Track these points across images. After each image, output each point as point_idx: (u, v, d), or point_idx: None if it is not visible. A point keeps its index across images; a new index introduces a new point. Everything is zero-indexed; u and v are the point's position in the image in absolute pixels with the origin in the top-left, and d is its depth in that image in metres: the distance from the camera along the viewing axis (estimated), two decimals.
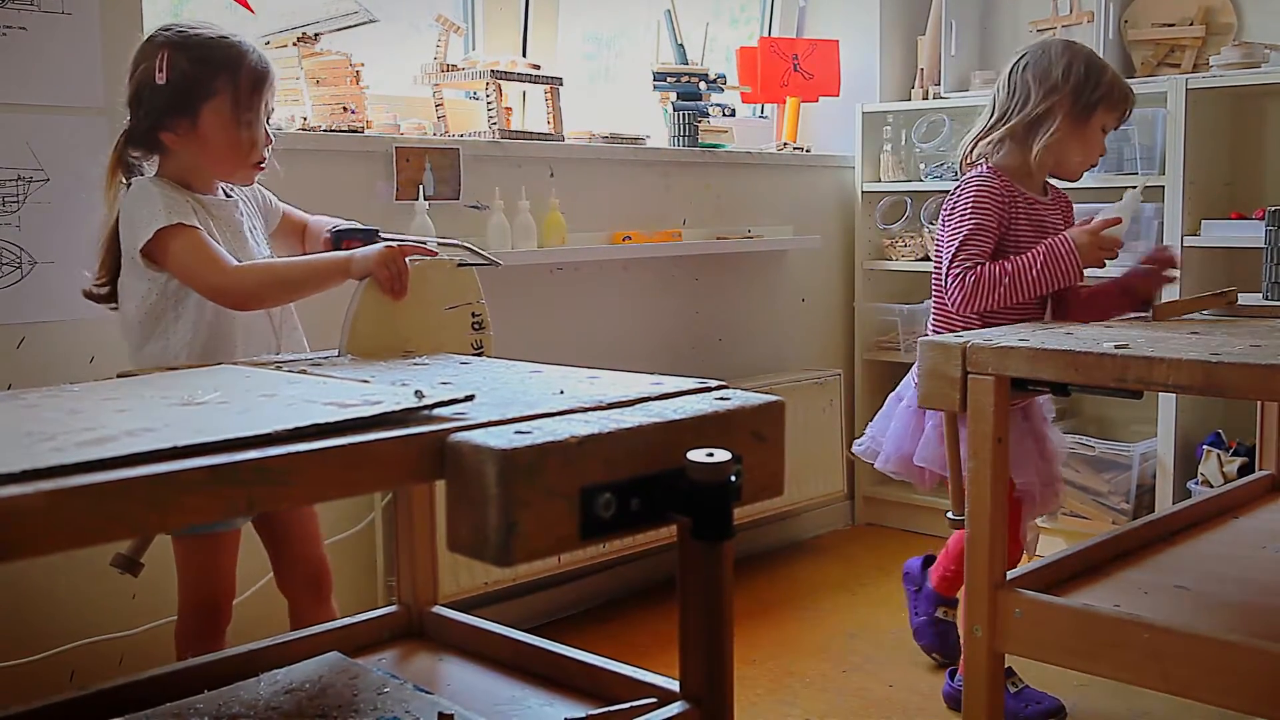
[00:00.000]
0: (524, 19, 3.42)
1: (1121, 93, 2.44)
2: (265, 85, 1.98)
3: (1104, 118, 2.44)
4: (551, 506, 1.02)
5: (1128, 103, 2.46)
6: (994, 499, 1.79)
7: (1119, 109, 2.46)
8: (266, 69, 1.99)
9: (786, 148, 3.92)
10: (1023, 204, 2.42)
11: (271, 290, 1.89)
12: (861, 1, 4.12)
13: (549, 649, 1.56)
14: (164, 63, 1.91)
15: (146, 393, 1.29)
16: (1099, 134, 2.45)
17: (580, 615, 3.17)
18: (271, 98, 2.01)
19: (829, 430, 3.76)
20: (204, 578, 2.01)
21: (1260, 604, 1.84)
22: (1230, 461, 3.33)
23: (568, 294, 3.20)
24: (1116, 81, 2.44)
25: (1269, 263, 2.27)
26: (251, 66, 1.95)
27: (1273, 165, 3.53)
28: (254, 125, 1.96)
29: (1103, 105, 2.42)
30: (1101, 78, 2.41)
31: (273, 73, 2.01)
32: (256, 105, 1.96)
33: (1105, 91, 2.41)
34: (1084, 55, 2.45)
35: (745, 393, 1.25)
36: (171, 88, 1.91)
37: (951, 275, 2.31)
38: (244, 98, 1.94)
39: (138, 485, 0.92)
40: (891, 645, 2.95)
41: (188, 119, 1.93)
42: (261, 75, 1.97)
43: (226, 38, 1.97)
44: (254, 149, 1.98)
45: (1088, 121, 2.42)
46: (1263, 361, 1.52)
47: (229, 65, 1.93)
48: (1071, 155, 2.44)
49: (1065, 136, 2.41)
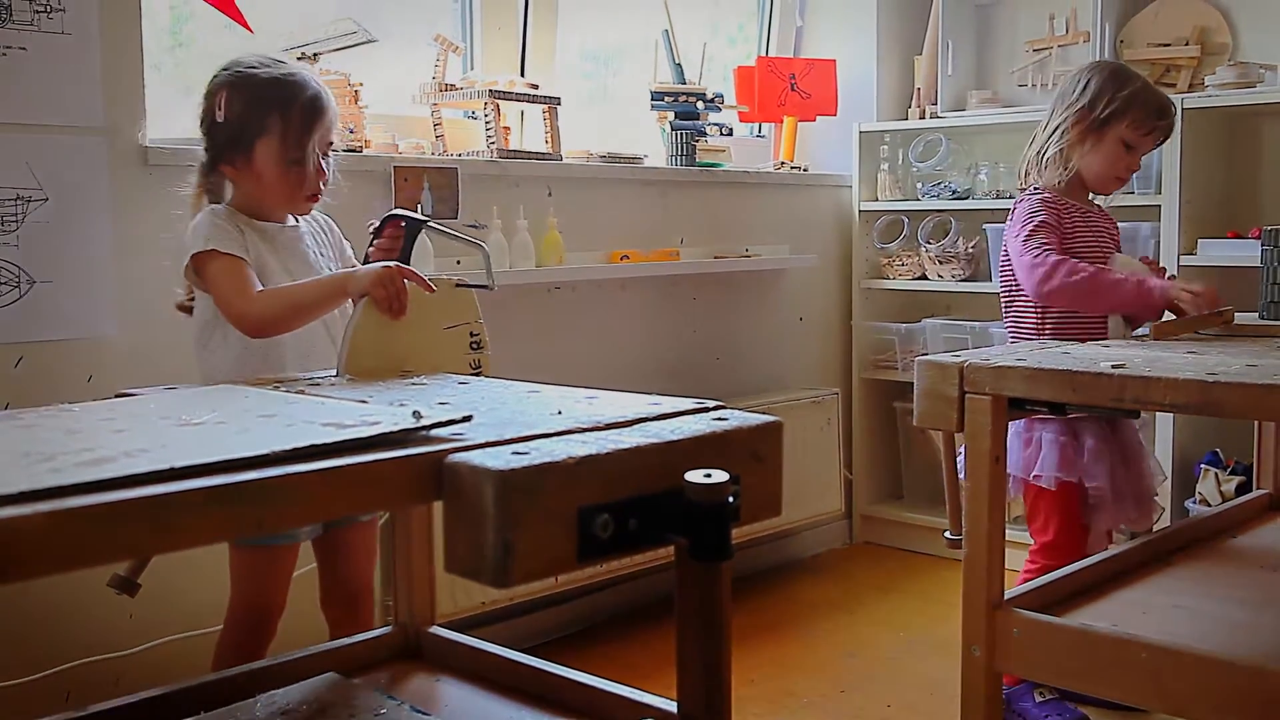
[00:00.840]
0: (522, 39, 3.44)
1: (1146, 107, 2.47)
2: (317, 123, 2.03)
3: (1122, 131, 2.47)
4: (549, 527, 1.02)
5: (1152, 118, 2.49)
6: (991, 518, 1.79)
7: (1142, 125, 2.48)
8: (320, 107, 2.03)
9: (784, 167, 3.93)
10: (1077, 215, 2.50)
11: (284, 314, 1.92)
12: (858, 21, 4.14)
13: (546, 669, 1.55)
14: (222, 101, 2.01)
15: (145, 413, 1.29)
16: (1119, 147, 2.49)
17: (578, 635, 3.16)
18: (327, 133, 2.06)
19: (827, 449, 3.76)
20: (256, 590, 2.05)
21: (1258, 623, 1.84)
22: (1228, 480, 3.33)
23: (566, 313, 3.21)
24: (1139, 96, 2.47)
25: (1265, 282, 2.28)
26: (303, 105, 2.01)
27: (1268, 184, 3.54)
28: (303, 162, 2.02)
29: (1117, 119, 2.46)
30: (1119, 92, 2.46)
31: (329, 109, 2.05)
32: (306, 143, 2.01)
33: (1121, 105, 2.45)
34: (1108, 71, 2.50)
35: (743, 413, 1.25)
36: (229, 125, 2.01)
37: (1030, 256, 2.36)
38: (293, 136, 2.00)
39: (136, 506, 0.92)
40: (889, 665, 2.95)
41: (243, 155, 2.02)
42: (313, 114, 2.02)
43: (282, 76, 2.03)
44: (303, 184, 2.04)
45: (1103, 135, 2.47)
46: (1259, 381, 1.52)
47: (280, 104, 2.00)
48: (1092, 168, 2.50)
49: (1085, 150, 2.48)
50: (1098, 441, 2.43)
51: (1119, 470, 2.46)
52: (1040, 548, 2.52)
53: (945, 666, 2.79)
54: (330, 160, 2.09)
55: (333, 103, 2.07)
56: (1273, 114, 3.50)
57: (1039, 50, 3.97)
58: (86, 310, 2.34)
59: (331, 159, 2.10)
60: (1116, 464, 2.46)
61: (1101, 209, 2.62)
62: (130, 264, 2.40)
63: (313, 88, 2.03)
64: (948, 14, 3.97)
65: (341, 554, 2.15)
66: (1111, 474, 2.44)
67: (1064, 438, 2.42)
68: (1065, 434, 2.42)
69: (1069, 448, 2.41)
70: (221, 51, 2.87)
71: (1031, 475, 2.42)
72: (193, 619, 2.42)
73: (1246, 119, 3.54)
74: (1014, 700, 2.53)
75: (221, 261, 1.94)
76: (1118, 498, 2.46)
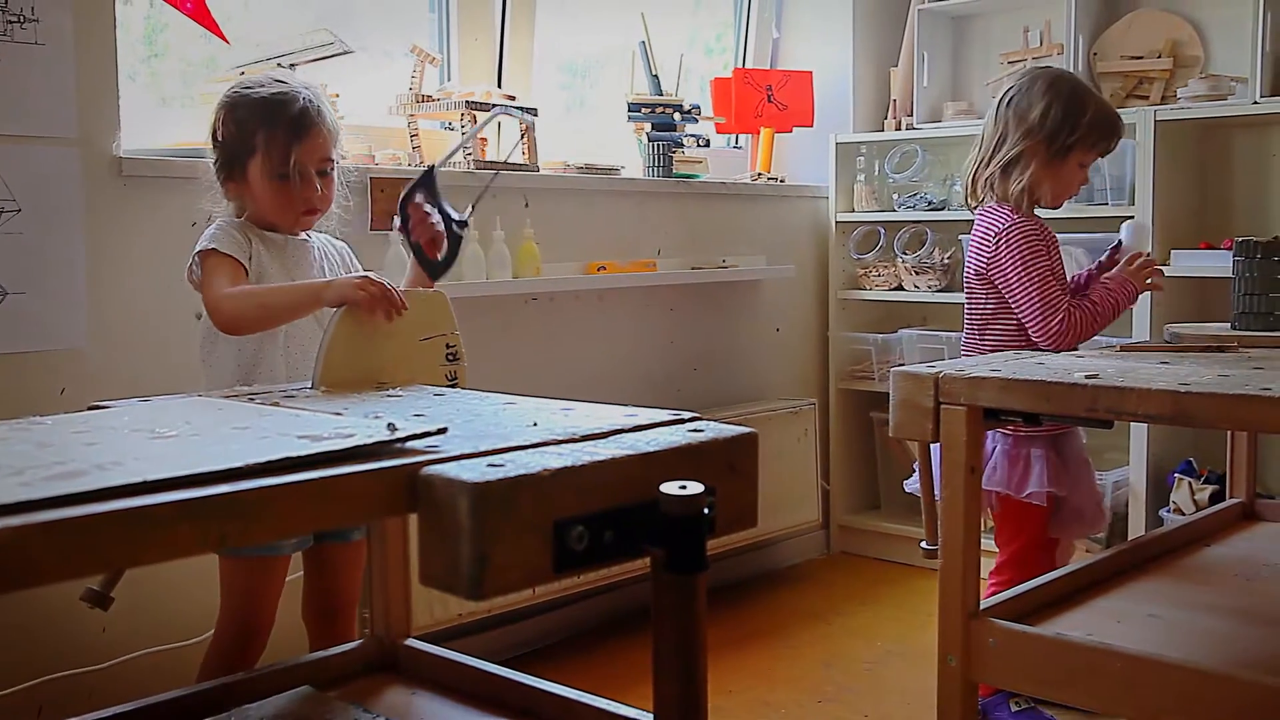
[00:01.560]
0: (499, 50, 3.44)
1: (1103, 130, 2.51)
2: (299, 139, 2.03)
3: (1081, 156, 2.52)
4: (524, 540, 1.02)
5: (1107, 139, 2.52)
6: (967, 528, 1.80)
7: (1098, 147, 2.53)
8: (304, 123, 2.03)
9: (761, 178, 3.94)
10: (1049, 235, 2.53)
11: (252, 313, 1.94)
12: (834, 33, 4.16)
13: (523, 681, 1.55)
14: (219, 122, 2.06)
15: (117, 425, 1.28)
16: (1076, 170, 2.53)
17: (555, 647, 3.15)
18: (318, 148, 2.06)
19: (804, 459, 3.76)
20: (243, 602, 2.04)
21: (1231, 632, 1.85)
22: (1201, 489, 3.36)
23: (542, 325, 3.21)
24: (1097, 120, 2.49)
25: (1237, 292, 2.29)
26: (286, 121, 2.02)
27: (1240, 195, 3.58)
28: (288, 177, 2.03)
29: (1079, 147, 2.50)
30: (1080, 119, 2.47)
31: (315, 125, 2.05)
32: (288, 158, 2.02)
33: (1083, 134, 2.48)
34: (1066, 94, 2.49)
35: (718, 424, 1.25)
36: (225, 146, 2.07)
37: (1055, 323, 2.41)
38: (278, 153, 2.02)
39: (107, 520, 0.91)
40: (866, 675, 2.95)
41: (240, 172, 2.06)
42: (295, 129, 2.03)
43: (271, 95, 2.04)
44: (293, 200, 2.06)
45: (1064, 162, 2.51)
46: (1230, 391, 1.53)
47: (266, 123, 2.02)
48: (1047, 190, 2.54)
49: (1041, 175, 2.51)
50: (1078, 455, 2.50)
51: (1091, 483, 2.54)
52: (1007, 561, 2.53)
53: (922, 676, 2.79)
54: (333, 175, 2.11)
55: (326, 118, 2.08)
56: (1243, 126, 3.53)
57: (1014, 62, 3.99)
58: (59, 322, 2.33)
59: (335, 174, 2.11)
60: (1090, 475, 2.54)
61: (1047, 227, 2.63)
62: (104, 276, 2.39)
63: (299, 105, 2.04)
64: (923, 26, 4.00)
65: (328, 566, 2.14)
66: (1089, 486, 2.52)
67: (1050, 453, 2.46)
68: (1050, 449, 2.47)
69: (1055, 464, 2.46)
70: (198, 61, 2.88)
71: (1024, 494, 2.44)
72: (166, 633, 2.41)
73: (1218, 131, 3.57)
74: (990, 710, 2.54)
75: (214, 259, 1.98)
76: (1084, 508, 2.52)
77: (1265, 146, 3.54)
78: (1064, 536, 2.57)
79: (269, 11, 3.06)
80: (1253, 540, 2.42)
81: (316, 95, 2.10)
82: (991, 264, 2.51)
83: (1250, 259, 2.27)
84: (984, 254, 2.53)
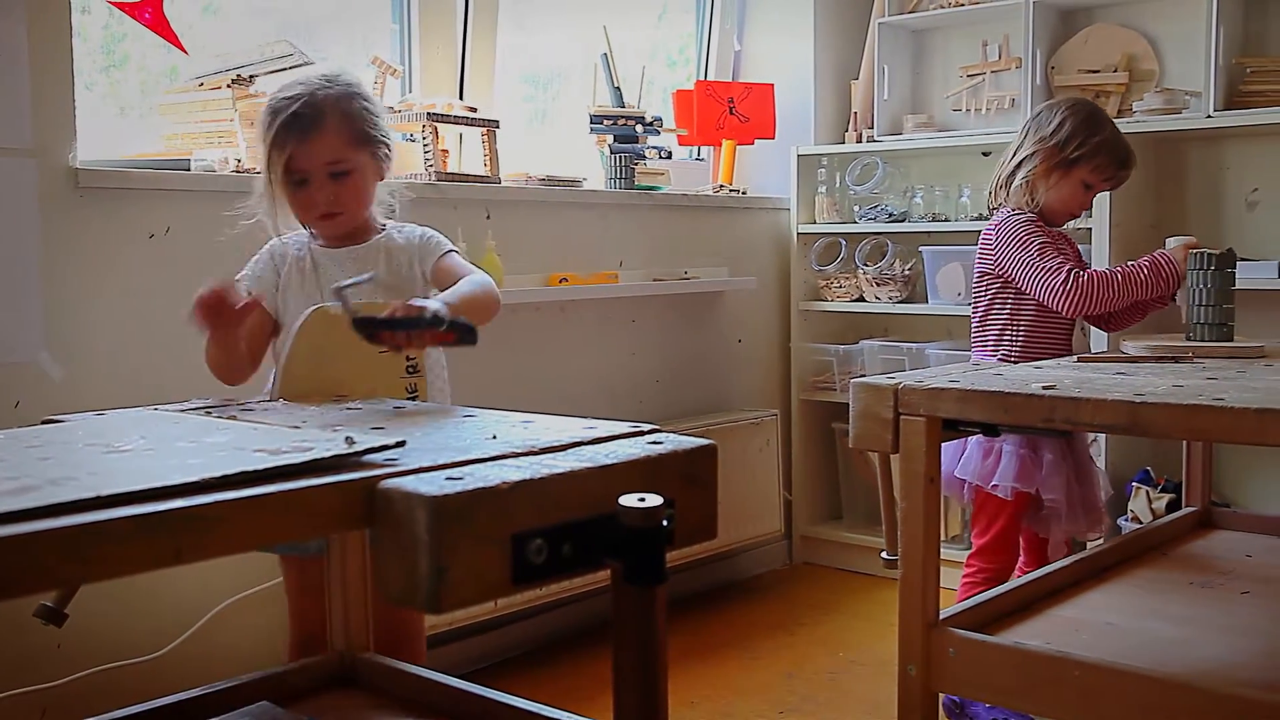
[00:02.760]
0: (461, 62, 3.43)
1: (1112, 155, 2.59)
2: (295, 143, 1.97)
3: (1086, 175, 2.60)
4: (483, 552, 1.02)
5: (1115, 166, 2.61)
6: (926, 538, 1.81)
7: (1106, 171, 2.61)
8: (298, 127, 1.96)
9: (722, 190, 3.96)
10: (1049, 230, 2.60)
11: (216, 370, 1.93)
12: (796, 46, 4.18)
13: (483, 695, 1.54)
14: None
15: (71, 440, 1.27)
16: (1079, 187, 2.61)
17: (519, 659, 3.14)
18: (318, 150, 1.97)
19: (766, 470, 3.77)
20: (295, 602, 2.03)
21: (1189, 639, 1.87)
22: (1159, 498, 3.39)
23: (504, 336, 3.20)
24: (1108, 144, 2.58)
25: (1191, 303, 2.32)
26: (282, 126, 1.97)
27: (1194, 208, 3.62)
28: (289, 184, 2.00)
29: (1084, 163, 2.58)
30: (1090, 138, 2.57)
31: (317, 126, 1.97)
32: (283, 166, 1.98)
33: (1089, 151, 2.57)
34: (1084, 115, 2.60)
35: (678, 436, 1.25)
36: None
37: (1060, 279, 2.47)
38: (272, 162, 1.99)
39: (60, 536, 0.90)
40: (828, 685, 2.96)
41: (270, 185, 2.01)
42: (291, 135, 1.96)
43: (274, 101, 2.00)
44: (305, 205, 2.01)
45: (1068, 174, 2.59)
46: (1184, 401, 1.55)
47: (268, 129, 1.99)
48: (1051, 201, 2.61)
49: (1047, 186, 2.60)
50: (1056, 455, 2.51)
51: (1073, 483, 2.55)
52: (978, 550, 2.61)
53: (884, 686, 2.81)
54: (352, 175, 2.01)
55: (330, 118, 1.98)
56: (1198, 139, 3.58)
57: (973, 75, 4.03)
58: (13, 335, 2.30)
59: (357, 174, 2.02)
60: (1071, 477, 2.55)
61: (1064, 234, 2.73)
62: (60, 288, 2.36)
63: (294, 108, 1.96)
64: (883, 40, 4.03)
65: None
66: (1067, 486, 2.53)
67: (1024, 450, 2.50)
68: (1025, 447, 2.50)
69: (1028, 460, 2.50)
70: (158, 71, 2.86)
71: (990, 485, 2.50)
72: (122, 649, 2.38)
73: (1173, 144, 3.62)
74: (966, 705, 2.57)
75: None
76: (1071, 509, 2.55)
77: (1219, 159, 3.59)
78: (1049, 535, 2.60)
79: (230, 22, 3.04)
80: (1209, 548, 2.45)
81: (331, 90, 2.00)
82: (995, 257, 2.60)
83: (1204, 270, 2.30)
84: (987, 251, 2.63)
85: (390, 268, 2.05)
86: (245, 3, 3.09)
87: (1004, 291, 2.62)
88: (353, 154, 2.01)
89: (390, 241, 2.08)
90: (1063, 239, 2.67)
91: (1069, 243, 2.71)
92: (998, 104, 3.96)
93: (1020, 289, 2.58)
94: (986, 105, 3.98)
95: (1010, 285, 2.60)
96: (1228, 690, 1.56)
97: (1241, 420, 1.48)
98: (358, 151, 2.02)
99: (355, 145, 2.01)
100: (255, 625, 2.26)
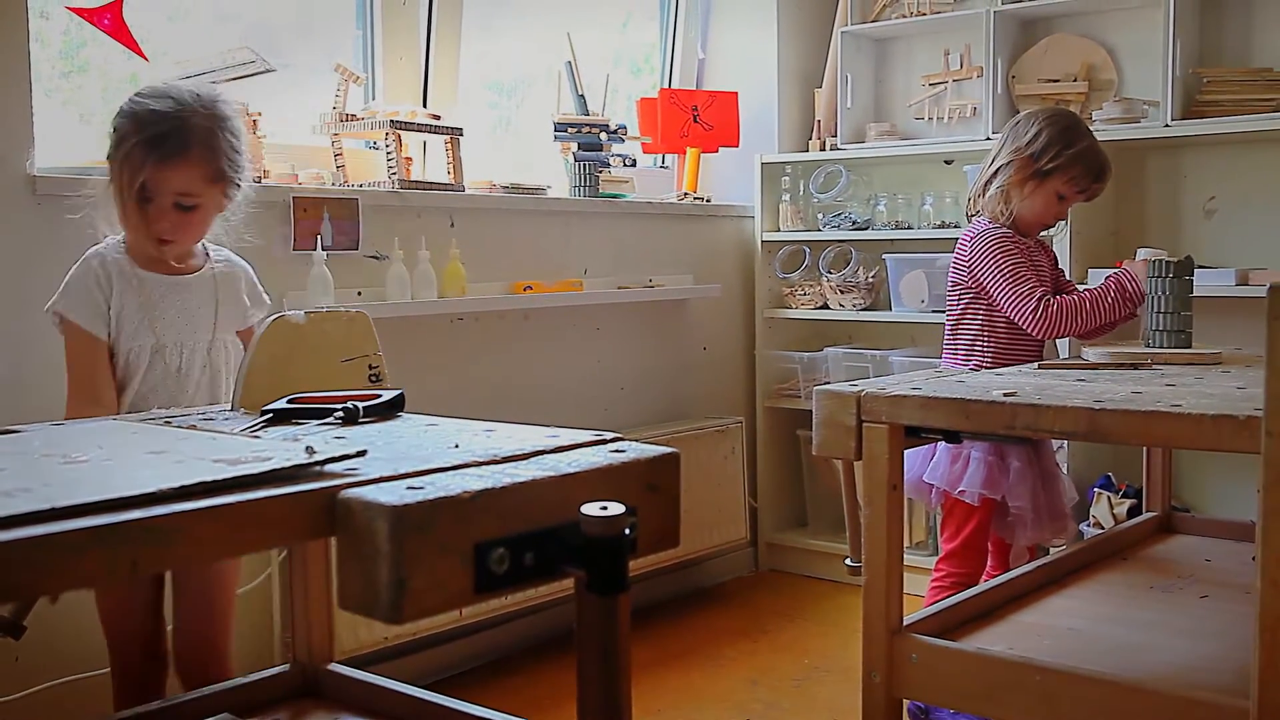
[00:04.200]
0: (424, 69, 3.43)
1: (1086, 166, 2.60)
2: (157, 161, 1.90)
3: (1060, 186, 2.61)
4: (444, 562, 1.01)
5: (1089, 179, 2.62)
6: (890, 545, 1.81)
7: (1080, 183, 2.62)
8: (168, 147, 1.89)
9: (687, 198, 3.96)
10: (1025, 248, 2.63)
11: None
12: (759, 54, 4.20)
13: (447, 705, 1.54)
14: (113, 129, 1.96)
15: (27, 450, 1.25)
16: (1053, 197, 2.63)
17: (483, 669, 3.13)
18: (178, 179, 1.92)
19: (731, 477, 3.78)
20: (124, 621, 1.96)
21: (1149, 643, 1.88)
22: (1120, 504, 3.42)
23: (468, 345, 3.19)
24: (1082, 155, 2.60)
25: (1151, 311, 2.34)
26: (148, 138, 1.89)
27: (1153, 215, 3.66)
28: (151, 203, 1.93)
29: (1058, 175, 2.60)
30: (1065, 149, 2.58)
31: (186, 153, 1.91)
32: (141, 180, 1.90)
33: (1064, 163, 2.59)
34: (1061, 126, 2.62)
35: (640, 445, 1.25)
36: (109, 154, 1.96)
37: (1031, 307, 2.52)
38: (133, 171, 1.90)
39: (14, 549, 0.89)
40: (792, 691, 2.96)
41: (115, 188, 1.94)
42: (155, 151, 1.89)
43: (152, 109, 1.91)
44: (150, 228, 1.95)
45: (1042, 184, 2.61)
46: (1142, 408, 1.56)
47: (131, 133, 1.90)
48: (1024, 212, 2.63)
49: (1021, 196, 2.62)
50: (1022, 463, 2.53)
51: (1039, 490, 2.57)
52: (946, 555, 2.63)
53: (848, 692, 2.82)
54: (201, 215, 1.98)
55: (199, 150, 1.92)
56: (1156, 148, 3.62)
57: (934, 84, 4.06)
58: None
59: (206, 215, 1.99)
60: (1037, 484, 2.57)
61: (1041, 242, 2.77)
62: (16, 297, 2.33)
63: (172, 124, 1.90)
64: (846, 48, 4.05)
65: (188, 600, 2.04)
66: (1033, 493, 2.55)
67: (991, 457, 2.52)
68: (993, 454, 2.52)
69: (995, 467, 2.52)
70: (119, 78, 2.84)
71: (957, 490, 2.52)
72: (80, 662, 2.35)
73: (1132, 153, 3.65)
74: (931, 710, 2.58)
75: (77, 340, 1.93)
76: (1037, 515, 2.57)
77: (1177, 168, 3.63)
78: (1012, 541, 2.62)
79: (191, 29, 3.02)
80: (1169, 552, 2.48)
81: (206, 120, 1.94)
82: (970, 269, 2.62)
83: (1163, 278, 2.32)
84: (960, 261, 2.65)
85: (221, 296, 2.06)
86: (210, 9, 3.07)
87: (976, 302, 2.64)
88: (205, 190, 1.97)
89: (217, 271, 2.07)
90: (1038, 249, 2.70)
91: (1044, 251, 2.74)
92: (959, 112, 3.99)
93: (992, 303, 2.60)
94: (948, 114, 4.01)
95: (982, 297, 2.61)
96: (1187, 694, 1.57)
97: (1199, 426, 1.49)
98: (211, 187, 1.97)
99: (210, 181, 1.96)
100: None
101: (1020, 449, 2.54)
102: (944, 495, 2.57)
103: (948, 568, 2.61)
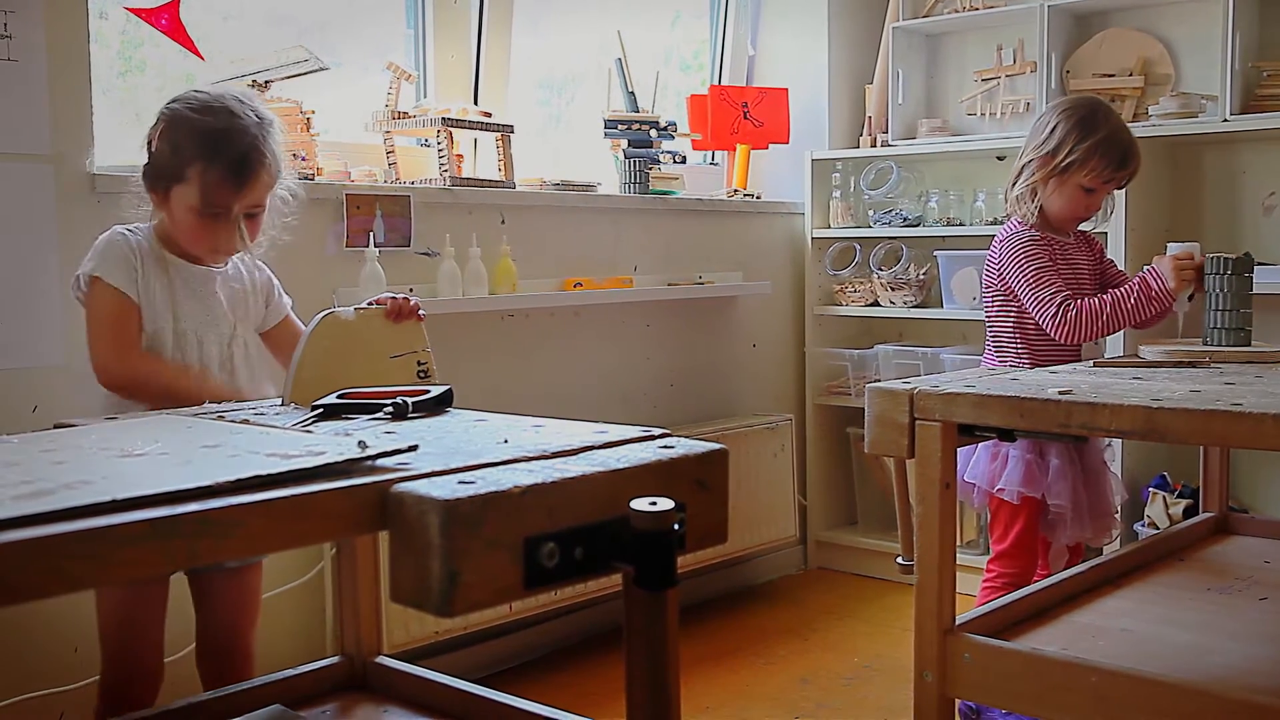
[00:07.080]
0: (475, 66, 3.44)
1: (1108, 157, 2.53)
2: (236, 186, 1.92)
3: (1083, 179, 2.55)
4: (494, 557, 1.02)
5: (1111, 168, 2.55)
6: (942, 544, 1.80)
7: (1103, 173, 2.55)
8: (244, 171, 1.91)
9: (737, 194, 3.95)
10: (1056, 249, 2.59)
11: (150, 392, 1.87)
12: (810, 50, 4.18)
13: (495, 699, 1.54)
14: (155, 134, 1.96)
15: (86, 444, 1.27)
16: (1079, 191, 2.57)
17: (533, 664, 3.14)
18: (254, 194, 1.95)
19: (781, 475, 3.76)
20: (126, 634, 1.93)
21: (1205, 645, 1.86)
22: (1176, 504, 3.37)
23: (518, 341, 3.20)
24: (1102, 146, 2.53)
25: (1210, 309, 2.31)
26: (227, 165, 1.90)
27: (1210, 212, 3.61)
28: (219, 219, 1.94)
29: (1078, 169, 2.53)
30: (1082, 142, 2.52)
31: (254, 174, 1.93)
32: (224, 203, 1.92)
33: (1081, 156, 2.52)
34: (1080, 117, 2.55)
35: (689, 441, 1.25)
36: (154, 161, 1.96)
37: (1051, 313, 2.48)
38: (210, 193, 1.91)
39: (75, 540, 0.91)
40: (843, 691, 2.95)
41: (162, 192, 1.95)
42: (235, 176, 1.91)
43: (216, 128, 1.91)
44: (215, 239, 1.96)
45: (1064, 180, 2.55)
46: (1201, 407, 1.54)
47: (204, 156, 1.90)
48: (1053, 208, 2.59)
49: (1048, 192, 2.58)
50: (1062, 461, 2.50)
51: (1080, 488, 2.53)
52: (997, 555, 2.61)
53: (900, 692, 2.80)
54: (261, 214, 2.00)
55: (269, 161, 1.95)
56: (1213, 143, 3.56)
57: (987, 80, 4.02)
58: (32, 339, 2.31)
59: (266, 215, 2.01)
60: (1079, 482, 2.53)
61: (1085, 234, 2.73)
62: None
63: (242, 147, 1.91)
64: (898, 44, 4.02)
65: (216, 601, 2.03)
66: (1074, 492, 2.51)
67: (1030, 455, 2.49)
68: (1032, 451, 2.49)
69: (1034, 465, 2.49)
70: (175, 77, 2.87)
71: (995, 488, 2.50)
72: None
73: (1188, 148, 3.60)
74: (983, 710, 2.56)
75: (103, 294, 1.90)
76: (1078, 514, 2.53)
77: (1234, 164, 3.57)
78: (1055, 540, 2.59)
79: (246, 28, 3.05)
80: (1226, 554, 2.44)
81: (266, 132, 1.96)
82: (999, 272, 2.60)
83: (1221, 275, 2.29)
84: (991, 263, 2.63)
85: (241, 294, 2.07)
86: (263, 10, 3.10)
87: (1008, 304, 2.61)
88: (267, 196, 2.01)
89: (239, 270, 2.08)
90: (1077, 245, 2.65)
91: (1087, 245, 2.69)
92: (1013, 108, 3.95)
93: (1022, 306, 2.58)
94: (1001, 109, 3.97)
95: (1013, 300, 2.59)
96: (1244, 697, 1.55)
97: (1260, 425, 1.47)
98: (270, 192, 2.02)
99: (271, 188, 2.01)
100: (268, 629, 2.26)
101: (1061, 446, 2.50)
102: (987, 495, 2.55)
103: (999, 568, 2.58)
